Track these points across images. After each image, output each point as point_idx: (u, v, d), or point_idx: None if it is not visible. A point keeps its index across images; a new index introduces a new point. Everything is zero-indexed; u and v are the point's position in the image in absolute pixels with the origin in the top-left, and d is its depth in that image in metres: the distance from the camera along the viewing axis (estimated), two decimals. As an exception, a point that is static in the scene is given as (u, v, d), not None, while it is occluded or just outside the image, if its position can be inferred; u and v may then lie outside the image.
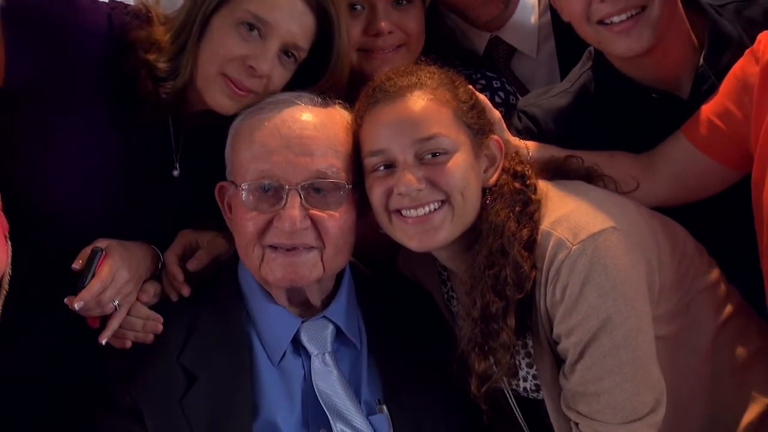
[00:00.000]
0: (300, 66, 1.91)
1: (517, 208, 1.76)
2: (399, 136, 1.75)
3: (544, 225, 1.74)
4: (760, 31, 1.86)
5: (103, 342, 1.80)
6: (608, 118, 2.02)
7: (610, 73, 2.02)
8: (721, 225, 1.92)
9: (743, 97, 1.82)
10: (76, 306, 1.78)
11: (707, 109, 1.89)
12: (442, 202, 1.75)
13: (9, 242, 1.75)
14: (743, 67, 1.83)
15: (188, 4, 1.88)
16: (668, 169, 1.94)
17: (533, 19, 2.35)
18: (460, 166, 1.75)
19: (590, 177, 1.87)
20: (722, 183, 1.93)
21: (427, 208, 1.75)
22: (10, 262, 1.73)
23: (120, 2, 1.99)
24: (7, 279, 1.74)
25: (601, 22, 1.92)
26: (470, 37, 2.38)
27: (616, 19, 1.90)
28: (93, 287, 1.79)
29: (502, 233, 1.74)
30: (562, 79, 2.24)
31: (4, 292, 1.73)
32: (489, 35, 2.37)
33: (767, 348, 1.86)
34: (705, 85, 1.93)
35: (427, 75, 1.81)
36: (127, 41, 1.88)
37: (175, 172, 1.97)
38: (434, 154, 1.75)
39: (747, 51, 1.84)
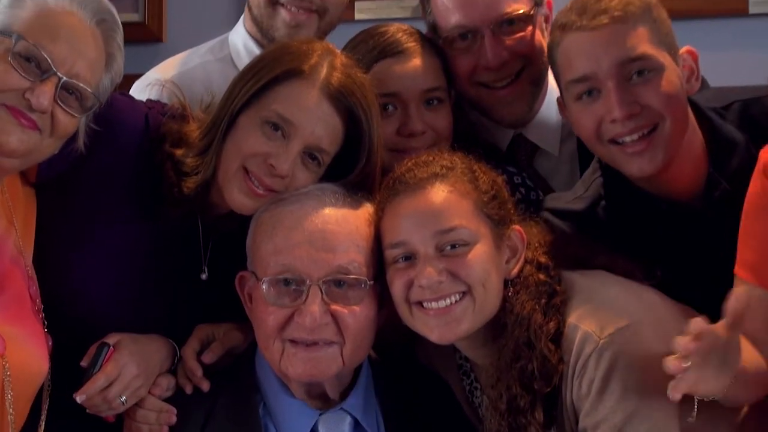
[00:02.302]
0: (332, 159, 2.04)
1: (543, 301, 1.89)
2: (419, 228, 1.90)
3: (571, 318, 1.87)
4: (764, 133, 1.95)
5: (79, 400, 1.93)
6: (621, 225, 2.13)
7: (619, 183, 2.14)
8: None
9: None
10: (78, 399, 1.93)
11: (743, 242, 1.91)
12: (464, 293, 1.89)
13: (50, 339, 1.93)
14: (760, 188, 1.89)
15: (220, 103, 2.05)
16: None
17: (556, 118, 2.48)
18: (481, 258, 1.89)
19: (611, 267, 1.99)
20: None
21: (448, 300, 1.89)
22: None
23: (157, 102, 2.19)
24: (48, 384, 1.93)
25: (612, 141, 2.03)
26: (493, 132, 2.53)
27: (627, 139, 2.02)
28: (97, 381, 1.93)
29: (529, 326, 1.87)
30: (582, 174, 2.38)
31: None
32: (513, 132, 2.52)
33: None
34: (717, 192, 2.04)
35: (448, 165, 1.95)
36: (158, 135, 2.05)
37: (203, 276, 2.10)
38: (454, 246, 1.89)
39: (756, 171, 1.89)
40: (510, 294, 1.93)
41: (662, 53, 2.01)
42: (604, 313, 1.85)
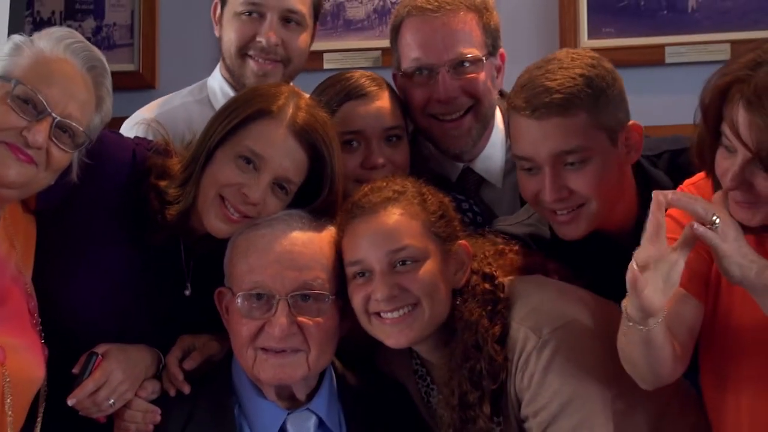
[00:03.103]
0: (299, 188, 2.05)
1: (489, 308, 1.90)
2: (374, 248, 1.90)
3: (515, 319, 1.89)
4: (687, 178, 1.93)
5: (70, 403, 1.93)
6: (560, 253, 2.13)
7: None
8: None
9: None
10: (69, 403, 1.92)
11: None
12: (414, 304, 1.90)
13: (46, 349, 1.92)
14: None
15: (198, 140, 2.06)
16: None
17: (500, 154, 2.51)
18: (429, 273, 1.90)
19: (546, 272, 2.03)
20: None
21: (401, 311, 1.90)
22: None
23: (144, 139, 2.20)
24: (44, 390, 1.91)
25: (547, 209, 2.05)
26: (445, 165, 2.55)
27: (558, 211, 2.03)
28: (86, 387, 1.93)
29: (476, 330, 1.88)
30: (521, 205, 2.39)
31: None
32: (462, 165, 2.53)
33: (702, 420, 1.95)
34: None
35: (399, 190, 1.95)
36: (144, 168, 2.06)
37: (187, 292, 2.10)
38: (404, 263, 1.90)
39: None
40: (459, 302, 1.94)
41: (599, 137, 1.97)
42: (543, 314, 1.87)
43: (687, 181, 1.93)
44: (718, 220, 1.67)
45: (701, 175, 1.89)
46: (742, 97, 1.65)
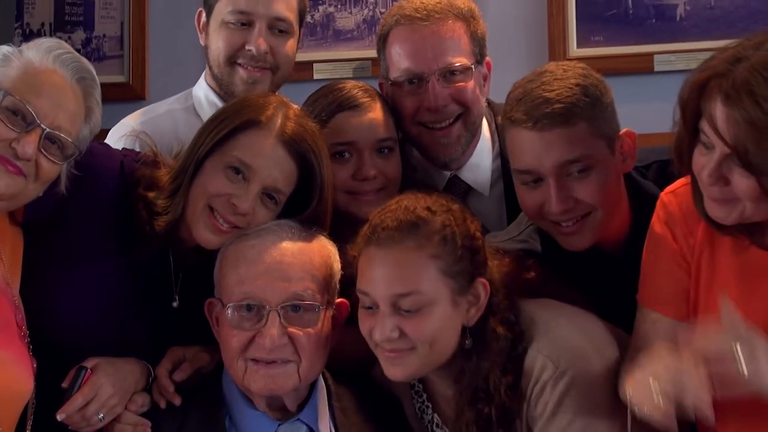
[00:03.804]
0: (288, 198, 2.04)
1: (503, 358, 1.84)
2: (382, 285, 1.84)
3: (532, 347, 1.84)
4: None
5: (60, 418, 1.91)
6: (553, 266, 2.11)
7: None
8: None
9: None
10: (59, 418, 1.91)
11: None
12: (411, 348, 1.86)
13: (35, 361, 1.90)
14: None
15: (187, 150, 2.06)
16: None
17: (487, 162, 2.52)
18: (433, 320, 1.83)
19: (557, 295, 1.99)
20: None
21: (398, 350, 1.86)
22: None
23: (132, 150, 2.20)
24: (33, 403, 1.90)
25: (551, 220, 2.04)
26: (432, 174, 2.55)
27: (563, 222, 2.02)
28: (75, 401, 1.92)
29: (487, 379, 1.84)
30: (508, 214, 2.41)
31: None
32: (449, 174, 2.53)
33: None
34: (637, 244, 1.99)
35: (422, 221, 1.85)
36: (133, 179, 2.06)
37: (175, 304, 2.09)
38: (409, 309, 1.83)
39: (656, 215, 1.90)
40: (468, 343, 1.88)
41: (599, 146, 1.98)
42: (559, 342, 1.83)
43: (666, 189, 1.93)
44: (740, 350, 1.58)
45: (681, 181, 1.89)
46: (721, 92, 1.62)
